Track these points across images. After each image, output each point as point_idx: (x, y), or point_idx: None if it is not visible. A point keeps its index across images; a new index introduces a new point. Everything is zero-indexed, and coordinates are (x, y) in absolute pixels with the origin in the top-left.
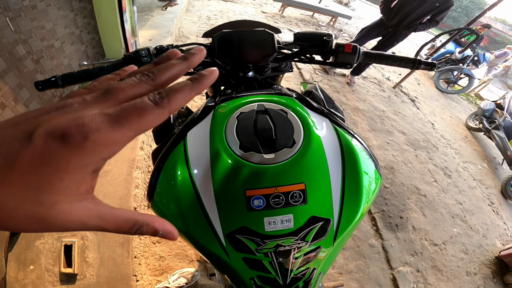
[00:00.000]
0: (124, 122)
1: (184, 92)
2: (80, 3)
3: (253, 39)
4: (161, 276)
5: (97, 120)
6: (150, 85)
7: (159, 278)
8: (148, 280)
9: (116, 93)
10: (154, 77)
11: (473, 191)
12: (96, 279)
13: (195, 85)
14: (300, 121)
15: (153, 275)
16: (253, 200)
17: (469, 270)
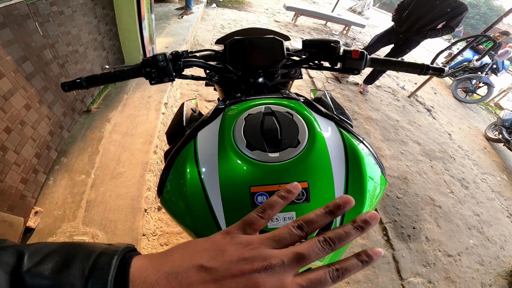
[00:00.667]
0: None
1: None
2: (103, 10)
3: (263, 45)
4: None
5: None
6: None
7: None
8: None
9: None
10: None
11: (491, 202)
12: None
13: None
14: (305, 123)
15: None
16: (257, 196)
17: (484, 281)
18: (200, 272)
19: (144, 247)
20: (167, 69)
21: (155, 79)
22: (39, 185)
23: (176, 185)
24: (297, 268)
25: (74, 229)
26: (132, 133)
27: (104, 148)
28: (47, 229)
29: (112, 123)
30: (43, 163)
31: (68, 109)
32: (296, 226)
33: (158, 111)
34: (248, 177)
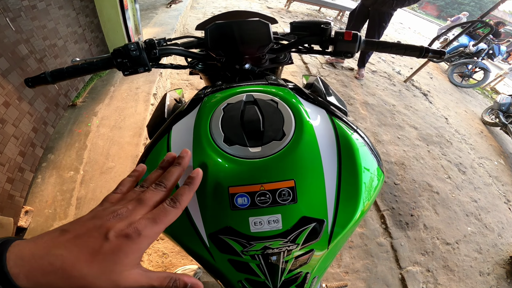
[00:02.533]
0: (158, 221)
1: (186, 194)
2: (82, 2)
3: (247, 29)
4: None
5: (143, 223)
6: (164, 192)
7: None
8: None
9: (147, 202)
10: (165, 185)
11: (488, 188)
12: None
13: (191, 187)
14: (292, 111)
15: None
16: (237, 198)
17: (482, 270)
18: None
19: None
20: (141, 58)
21: (128, 69)
22: (26, 184)
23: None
24: (142, 210)
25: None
26: (120, 126)
27: (92, 142)
28: (39, 228)
29: (99, 116)
30: (29, 161)
31: (51, 104)
32: (155, 185)
33: (147, 103)
34: (227, 176)
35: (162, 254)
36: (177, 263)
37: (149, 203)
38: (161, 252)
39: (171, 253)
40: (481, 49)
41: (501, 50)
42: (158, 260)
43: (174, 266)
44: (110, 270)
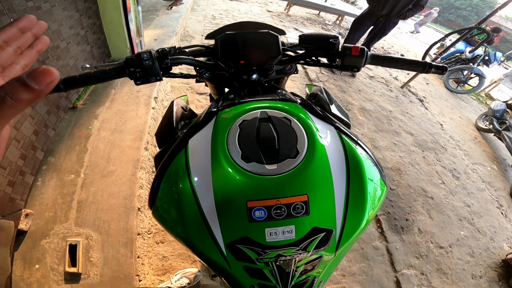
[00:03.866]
0: None
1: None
2: (85, 4)
3: (257, 41)
4: (163, 276)
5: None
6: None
7: (162, 278)
8: (151, 279)
9: None
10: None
11: (481, 193)
12: (100, 278)
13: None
14: (304, 129)
15: (156, 275)
16: (255, 211)
17: (474, 273)
18: None
19: (139, 246)
20: (153, 68)
21: (141, 79)
22: (27, 187)
23: (169, 197)
24: None
25: (67, 230)
26: (121, 130)
27: (92, 146)
28: (40, 231)
29: (100, 119)
30: (29, 164)
31: (52, 107)
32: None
33: (148, 106)
34: (245, 191)
35: (162, 258)
36: (177, 266)
37: None
38: (161, 256)
39: (171, 256)
40: (477, 55)
41: (497, 56)
42: (158, 263)
43: (174, 269)
44: None
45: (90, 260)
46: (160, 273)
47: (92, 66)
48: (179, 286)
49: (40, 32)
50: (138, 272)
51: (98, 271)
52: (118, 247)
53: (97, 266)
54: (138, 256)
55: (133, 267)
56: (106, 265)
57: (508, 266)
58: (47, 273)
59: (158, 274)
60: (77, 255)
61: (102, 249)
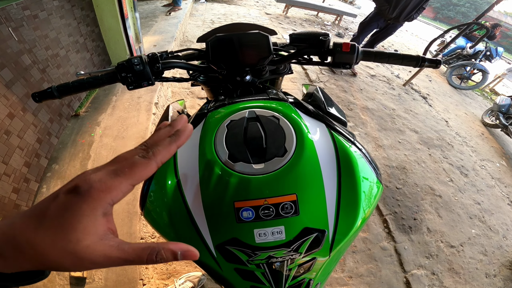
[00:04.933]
0: (120, 173)
1: (165, 146)
2: (82, 11)
3: (247, 42)
4: (168, 280)
5: (99, 174)
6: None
7: (166, 282)
8: (155, 284)
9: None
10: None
11: (491, 190)
12: (104, 282)
13: (174, 140)
14: (293, 127)
15: (160, 279)
16: (242, 211)
17: (488, 272)
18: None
19: None
20: (145, 72)
21: (132, 84)
22: (32, 194)
23: (158, 197)
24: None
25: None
26: (123, 136)
27: (95, 152)
28: None
29: (102, 126)
30: (34, 172)
31: (54, 115)
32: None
33: (149, 112)
34: (232, 192)
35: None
36: (182, 270)
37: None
38: None
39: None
40: (478, 50)
41: (498, 51)
42: (162, 267)
43: (179, 273)
44: (62, 237)
45: None
46: (164, 277)
47: (86, 73)
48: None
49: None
50: (142, 276)
51: (103, 276)
52: None
53: (101, 271)
54: None
55: (137, 271)
56: (111, 270)
57: None
58: (53, 278)
59: (163, 278)
60: None
61: None
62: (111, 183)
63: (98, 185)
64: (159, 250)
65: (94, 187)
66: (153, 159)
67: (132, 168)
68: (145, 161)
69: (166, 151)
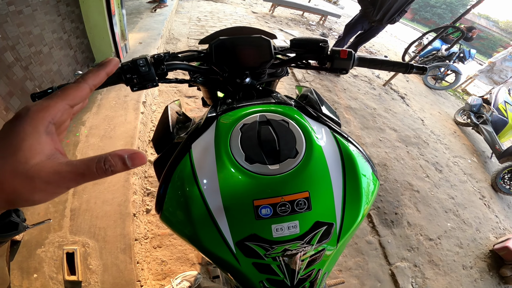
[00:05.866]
0: (54, 96)
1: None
2: (67, 8)
3: (250, 46)
4: (164, 280)
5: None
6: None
7: (162, 282)
8: (152, 285)
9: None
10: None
11: (464, 185)
12: (101, 286)
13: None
14: (301, 131)
15: (156, 280)
16: (261, 209)
17: (465, 264)
18: None
19: (138, 252)
20: (150, 74)
21: (137, 85)
22: None
23: (177, 202)
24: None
25: (62, 238)
26: (110, 136)
27: (81, 153)
28: (34, 240)
29: (88, 126)
30: None
31: None
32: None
33: (137, 111)
34: (250, 191)
35: (161, 262)
36: (177, 270)
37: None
38: (160, 260)
39: (170, 260)
40: (452, 52)
41: (471, 53)
42: (157, 268)
43: (174, 273)
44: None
45: (89, 267)
46: (160, 278)
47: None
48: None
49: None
50: (139, 278)
51: (99, 278)
52: (116, 254)
53: (97, 274)
54: (137, 262)
55: (134, 273)
56: (106, 272)
57: (496, 256)
58: (47, 282)
59: (158, 278)
60: (75, 263)
61: (101, 256)
62: (47, 103)
63: (35, 107)
64: (106, 157)
65: (32, 110)
66: (83, 82)
67: (65, 91)
68: (76, 84)
69: (95, 76)
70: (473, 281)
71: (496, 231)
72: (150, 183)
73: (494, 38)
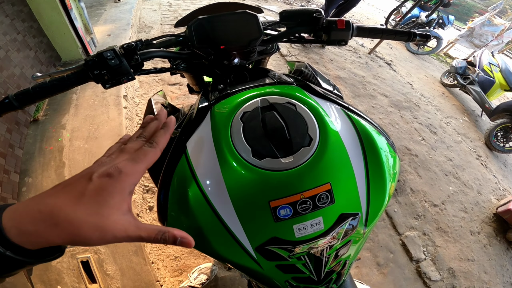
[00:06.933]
0: (138, 160)
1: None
2: (14, 7)
3: (235, 23)
4: (181, 276)
5: (123, 162)
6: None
7: (180, 278)
8: (171, 282)
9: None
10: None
11: (459, 145)
12: None
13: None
14: (312, 113)
15: (174, 276)
16: (279, 210)
17: (472, 229)
18: (52, 188)
19: (150, 252)
20: (122, 67)
21: (109, 81)
22: None
23: (182, 210)
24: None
25: (72, 248)
26: (96, 136)
27: (69, 158)
28: None
29: (69, 129)
30: (8, 189)
31: (11, 124)
32: (136, 138)
33: (119, 106)
34: (264, 191)
35: (174, 258)
36: (191, 264)
37: (130, 151)
38: (173, 256)
39: (183, 255)
40: (431, 19)
41: (450, 19)
42: (172, 264)
43: (189, 267)
44: (96, 212)
45: (107, 273)
46: (177, 274)
47: (45, 74)
48: (200, 283)
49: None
50: (157, 278)
51: (119, 283)
52: (129, 257)
53: (116, 279)
54: (152, 262)
55: (151, 274)
56: (125, 276)
57: (501, 220)
58: None
59: (176, 275)
60: (93, 271)
61: (115, 261)
62: (134, 168)
63: (126, 170)
64: (164, 232)
65: (123, 172)
66: (157, 147)
67: (146, 156)
68: (153, 149)
69: (164, 140)
70: (483, 247)
71: (497, 192)
72: (147, 179)
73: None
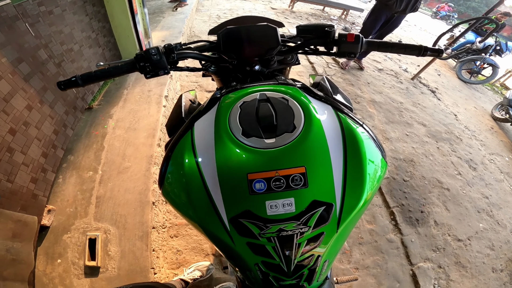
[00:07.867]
0: None
1: None
2: (94, 8)
3: (256, 33)
4: (178, 270)
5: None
6: None
7: (176, 271)
8: (166, 273)
9: None
10: None
11: (500, 184)
12: (117, 272)
13: None
14: (301, 107)
15: (171, 268)
16: (255, 183)
17: (495, 266)
18: None
19: (154, 240)
20: (161, 62)
21: (150, 72)
22: (49, 184)
23: (176, 176)
24: None
25: (87, 225)
26: (135, 128)
27: (108, 144)
28: (61, 226)
29: (115, 118)
30: (50, 162)
31: (70, 108)
32: None
33: (159, 105)
34: (245, 165)
35: (176, 251)
36: (191, 260)
37: None
38: (175, 250)
39: (185, 250)
40: (488, 45)
41: (509, 46)
42: (172, 257)
43: (188, 262)
44: None
45: (108, 253)
46: (174, 267)
47: (105, 63)
48: (191, 278)
49: None
50: (153, 265)
51: (116, 265)
52: (134, 241)
53: (114, 260)
54: (153, 250)
55: (148, 260)
56: (123, 259)
57: None
58: (68, 268)
59: (173, 267)
60: (96, 249)
61: (120, 242)
62: None
63: None
64: None
65: None
66: None
67: None
68: None
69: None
70: (502, 284)
71: None
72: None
73: None
